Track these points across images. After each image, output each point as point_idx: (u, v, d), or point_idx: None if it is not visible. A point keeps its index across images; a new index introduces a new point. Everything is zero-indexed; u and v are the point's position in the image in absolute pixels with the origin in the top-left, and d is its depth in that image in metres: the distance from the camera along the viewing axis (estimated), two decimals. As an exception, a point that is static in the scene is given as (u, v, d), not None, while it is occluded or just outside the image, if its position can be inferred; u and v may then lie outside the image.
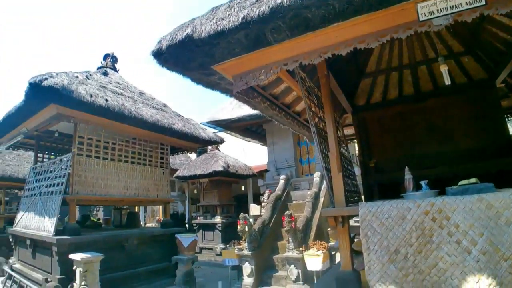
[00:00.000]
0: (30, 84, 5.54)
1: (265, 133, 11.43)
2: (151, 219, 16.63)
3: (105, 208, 16.15)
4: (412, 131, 4.99)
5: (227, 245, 9.54)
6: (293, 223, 6.67)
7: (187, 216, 14.57)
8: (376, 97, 5.42)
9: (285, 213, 6.84)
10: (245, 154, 16.01)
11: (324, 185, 8.66)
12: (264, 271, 7.16)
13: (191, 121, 8.82)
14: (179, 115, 8.72)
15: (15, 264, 7.63)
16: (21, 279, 6.74)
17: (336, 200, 3.17)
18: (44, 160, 8.59)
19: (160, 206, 14.22)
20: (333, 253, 6.90)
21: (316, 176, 9.03)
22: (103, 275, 5.69)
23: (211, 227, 11.61)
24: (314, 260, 6.20)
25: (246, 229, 7.04)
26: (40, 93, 5.63)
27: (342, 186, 3.17)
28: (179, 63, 3.31)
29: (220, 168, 10.90)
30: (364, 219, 2.88)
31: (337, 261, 6.72)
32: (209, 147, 12.84)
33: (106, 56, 9.09)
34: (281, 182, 9.53)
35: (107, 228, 8.98)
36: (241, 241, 7.48)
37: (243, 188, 14.90)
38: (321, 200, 8.36)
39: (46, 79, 5.54)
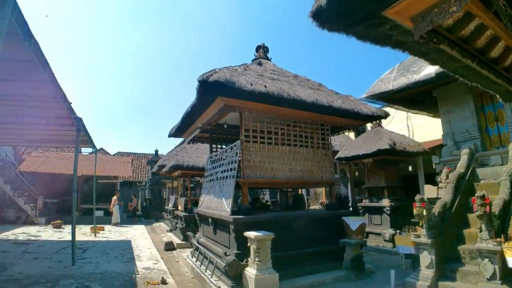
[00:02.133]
0: (199, 81, 6.18)
1: (435, 102, 9.73)
2: (314, 202, 16.85)
3: (271, 191, 17.29)
4: None
5: (397, 231, 8.67)
6: (487, 206, 5.37)
7: (350, 199, 14.10)
8: None
9: (476, 194, 5.56)
10: (409, 129, 14.32)
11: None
12: (446, 263, 6.03)
13: (350, 97, 8.27)
14: (336, 93, 8.32)
15: (200, 238, 8.76)
16: (206, 251, 7.69)
17: None
18: (218, 150, 9.59)
19: (323, 189, 14.21)
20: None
21: (513, 148, 7.16)
22: (272, 253, 5.89)
23: (378, 210, 10.80)
24: (519, 255, 4.85)
25: (424, 212, 6.08)
26: (208, 88, 6.23)
27: None
28: (341, 18, 2.89)
29: (386, 146, 9.92)
30: None
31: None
32: (369, 125, 11.95)
33: (258, 48, 9.51)
34: (463, 157, 7.94)
35: (275, 209, 9.40)
36: (417, 227, 6.56)
37: (410, 168, 13.40)
38: (524, 178, 6.56)
39: (211, 75, 6.12)
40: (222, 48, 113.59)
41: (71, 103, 7.58)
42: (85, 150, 24.22)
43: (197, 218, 9.43)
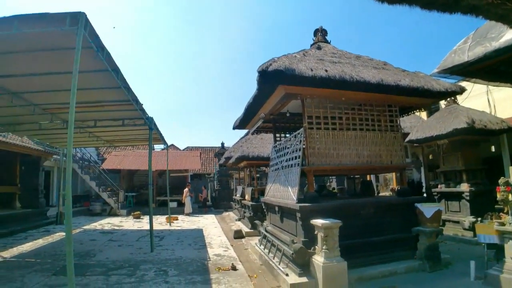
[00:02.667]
0: (259, 72, 6.24)
1: (521, 70, 8.62)
2: (384, 188, 16.07)
3: (338, 179, 16.93)
4: None
5: (478, 218, 7.98)
6: None
7: (423, 184, 13.19)
8: None
9: None
10: (490, 105, 12.91)
11: None
12: (537, 254, 5.37)
13: (419, 74, 7.68)
14: (403, 70, 7.79)
15: (268, 226, 8.87)
16: (273, 239, 7.77)
17: None
18: (281, 139, 9.64)
19: (393, 174, 13.52)
20: None
21: None
22: (340, 241, 5.77)
23: (455, 196, 9.93)
24: None
25: (510, 197, 5.44)
26: (268, 78, 6.26)
27: None
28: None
29: (463, 125, 9.02)
30: None
31: None
32: (443, 103, 11.02)
33: (316, 32, 9.29)
34: (559, 133, 6.99)
35: (342, 196, 9.16)
36: (501, 214, 5.91)
37: (493, 148, 12.14)
38: None
39: (270, 64, 6.16)
40: (277, 39, 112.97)
41: (142, 104, 8.16)
42: (158, 147, 26.03)
43: (264, 207, 9.58)
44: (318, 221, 5.81)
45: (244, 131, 16.44)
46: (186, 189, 20.46)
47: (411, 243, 6.84)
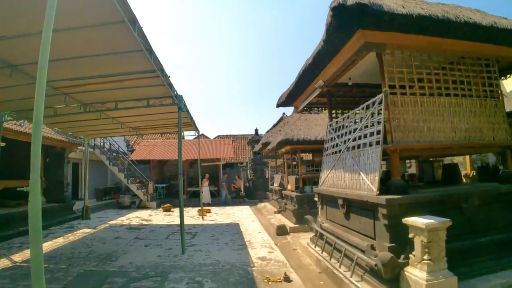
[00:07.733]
0: (333, 9, 4.46)
1: None
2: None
3: (388, 162, 14.86)
4: None
5: None
6: None
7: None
8: None
9: None
10: None
11: None
12: None
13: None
14: (505, 18, 5.86)
15: (323, 223, 7.25)
16: (336, 240, 6.16)
17: None
18: (338, 116, 7.88)
19: (468, 157, 11.39)
20: None
21: None
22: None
23: None
24: None
25: None
26: (344, 18, 4.57)
27: None
28: None
29: None
30: None
31: None
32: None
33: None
34: None
35: (416, 185, 7.33)
36: None
37: None
38: None
39: None
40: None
41: (169, 77, 6.78)
42: (188, 136, 25.00)
43: (316, 199, 7.86)
44: (417, 220, 4.11)
45: (277, 116, 14.70)
46: (204, 179, 19.49)
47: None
